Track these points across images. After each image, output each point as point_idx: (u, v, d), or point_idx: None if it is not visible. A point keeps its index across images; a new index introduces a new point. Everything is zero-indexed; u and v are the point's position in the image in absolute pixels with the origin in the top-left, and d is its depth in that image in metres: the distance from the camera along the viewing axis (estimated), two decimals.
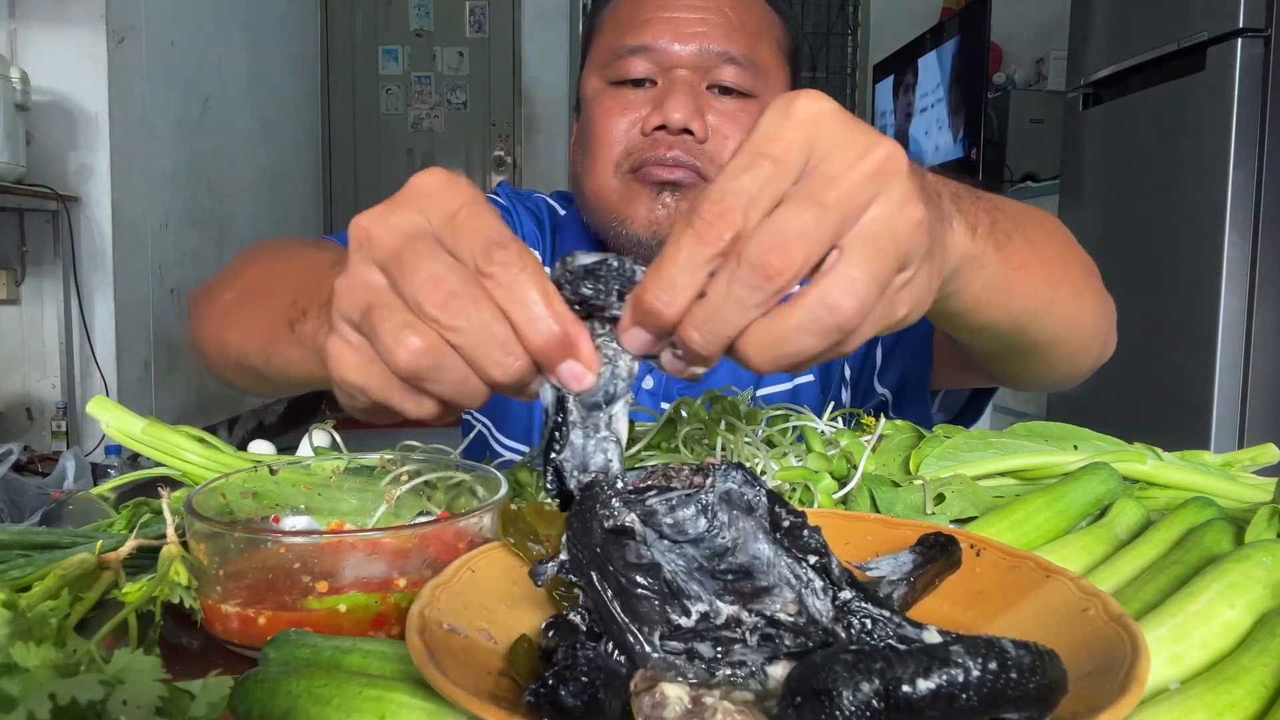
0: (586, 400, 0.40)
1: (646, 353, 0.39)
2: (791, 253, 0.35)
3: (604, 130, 0.91)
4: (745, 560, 0.37)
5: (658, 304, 0.36)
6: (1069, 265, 0.66)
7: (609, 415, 0.40)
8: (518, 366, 0.38)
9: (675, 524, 0.37)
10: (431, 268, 0.37)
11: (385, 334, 0.38)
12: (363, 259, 0.39)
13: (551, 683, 0.32)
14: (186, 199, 3.81)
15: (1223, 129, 2.29)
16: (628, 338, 0.39)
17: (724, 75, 0.90)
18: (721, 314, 0.36)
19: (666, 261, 0.36)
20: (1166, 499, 0.64)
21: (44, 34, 3.11)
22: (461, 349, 0.38)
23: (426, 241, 0.38)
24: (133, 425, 0.66)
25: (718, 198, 0.36)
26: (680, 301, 0.36)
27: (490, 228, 0.38)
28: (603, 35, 0.95)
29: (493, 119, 5.68)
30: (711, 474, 0.39)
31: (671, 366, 0.39)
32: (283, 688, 0.35)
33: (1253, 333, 2.32)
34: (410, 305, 0.38)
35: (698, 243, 0.36)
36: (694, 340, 0.37)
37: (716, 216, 0.36)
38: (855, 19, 5.56)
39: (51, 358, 3.18)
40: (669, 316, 0.36)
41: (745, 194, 0.36)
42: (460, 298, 0.37)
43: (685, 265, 0.36)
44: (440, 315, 0.37)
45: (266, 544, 0.47)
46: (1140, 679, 0.32)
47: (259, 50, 4.45)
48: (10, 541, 0.54)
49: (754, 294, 0.36)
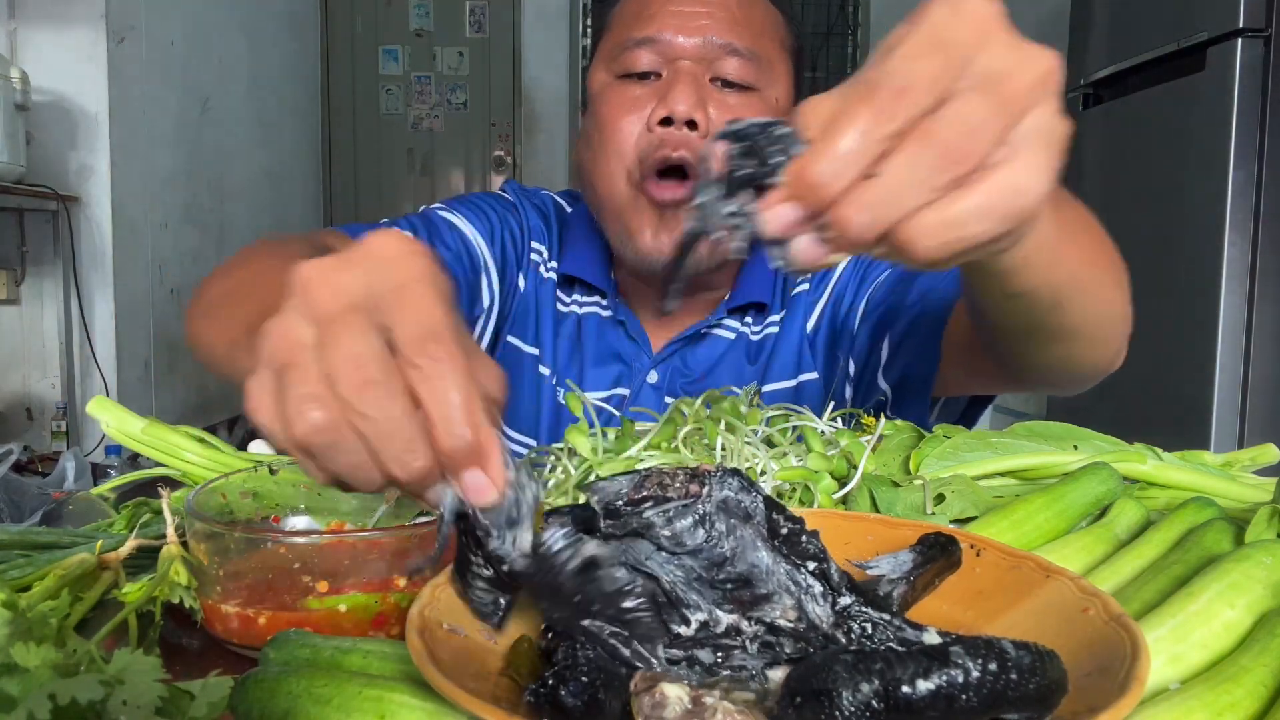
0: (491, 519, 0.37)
1: (784, 234, 0.36)
2: (979, 139, 0.34)
3: (612, 129, 0.92)
4: (744, 569, 0.37)
5: (824, 177, 0.34)
6: (1109, 251, 0.64)
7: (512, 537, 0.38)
8: (419, 466, 0.36)
9: (673, 536, 0.37)
10: (357, 347, 0.35)
11: (291, 398, 0.36)
12: (296, 310, 0.37)
13: (551, 683, 0.32)
14: (186, 199, 3.81)
15: (1223, 129, 2.29)
16: (773, 214, 0.36)
17: (727, 68, 0.91)
18: (896, 195, 0.34)
19: (838, 134, 0.34)
20: (1166, 499, 0.64)
21: (44, 34, 3.11)
22: (366, 437, 0.36)
23: (360, 315, 0.36)
24: (133, 425, 0.66)
25: (897, 77, 0.34)
26: (849, 177, 0.34)
27: (432, 314, 0.36)
28: (610, 31, 0.96)
29: (493, 119, 5.68)
30: (708, 482, 0.39)
31: (809, 253, 0.36)
32: (283, 688, 0.35)
33: (1253, 333, 2.32)
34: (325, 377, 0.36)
35: (877, 119, 0.34)
36: (854, 221, 0.34)
37: (899, 95, 0.34)
38: (855, 19, 5.56)
39: (51, 358, 3.18)
40: (834, 190, 0.34)
41: (925, 76, 0.34)
42: (376, 387, 0.35)
43: (861, 141, 0.34)
44: (352, 398, 0.35)
45: (266, 544, 0.47)
46: (1140, 679, 0.32)
47: (259, 50, 4.45)
48: (10, 541, 0.54)
49: (937, 177, 0.34)
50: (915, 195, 0.34)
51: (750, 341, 1.01)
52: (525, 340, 1.03)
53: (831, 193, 0.34)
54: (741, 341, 1.01)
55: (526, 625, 0.40)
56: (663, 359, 1.00)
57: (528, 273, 1.04)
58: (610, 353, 1.02)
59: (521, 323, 1.03)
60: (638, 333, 1.01)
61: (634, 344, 1.01)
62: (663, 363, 1.00)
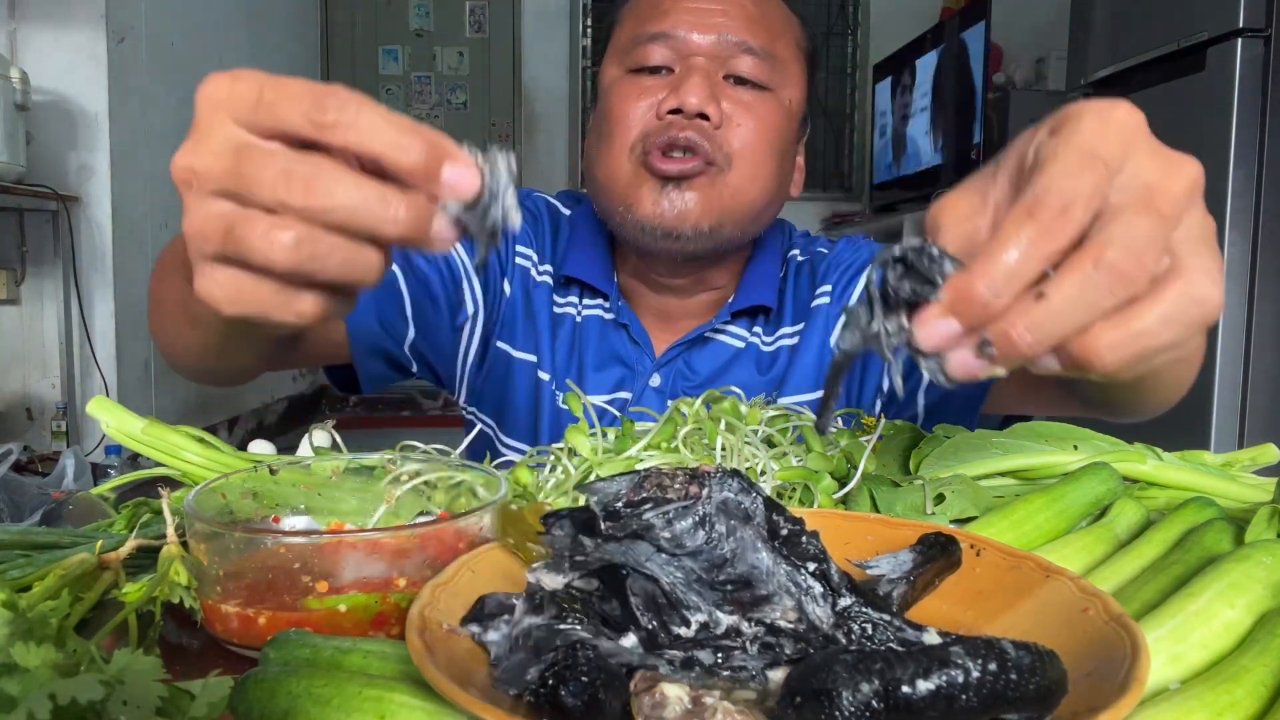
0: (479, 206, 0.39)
1: (942, 348, 0.36)
2: (1146, 258, 0.35)
3: (620, 114, 0.91)
4: (744, 570, 0.37)
5: (988, 293, 0.34)
6: None
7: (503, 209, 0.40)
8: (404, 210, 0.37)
9: (673, 538, 0.37)
10: (272, 165, 0.37)
11: (256, 242, 0.37)
12: (198, 196, 0.39)
13: (551, 683, 0.32)
14: None
15: (1223, 129, 2.29)
16: (931, 328, 0.36)
17: (741, 65, 0.90)
18: (1065, 314, 0.34)
19: (1002, 250, 0.34)
20: (1166, 499, 0.64)
21: (44, 34, 3.11)
22: (345, 224, 0.37)
23: (251, 148, 0.37)
24: (133, 425, 0.66)
25: (1059, 195, 0.35)
26: (1012, 293, 0.35)
27: (303, 86, 0.37)
28: (623, 26, 0.96)
29: (493, 119, 5.68)
30: (707, 483, 0.39)
31: (967, 367, 0.37)
32: (283, 688, 0.35)
33: (1253, 333, 2.32)
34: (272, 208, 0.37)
35: (1042, 237, 0.34)
36: (1021, 338, 0.35)
37: (1061, 212, 0.34)
38: (855, 19, 5.56)
39: (51, 358, 3.18)
40: (997, 307, 0.35)
41: (1085, 193, 0.35)
42: (316, 177, 0.36)
43: (1025, 258, 0.34)
44: (306, 202, 0.36)
45: (266, 544, 0.47)
46: (1140, 679, 0.32)
47: (259, 50, 4.45)
48: (10, 541, 0.54)
49: (1108, 297, 0.35)
50: (1085, 315, 0.35)
51: (762, 352, 1.00)
52: (515, 346, 1.01)
53: (994, 310, 0.35)
54: (751, 351, 1.00)
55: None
56: (666, 362, 0.99)
57: (513, 278, 1.02)
58: (612, 356, 1.00)
59: (510, 328, 1.01)
60: (640, 335, 1.00)
61: (636, 347, 1.00)
62: (665, 366, 0.99)
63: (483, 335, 1.01)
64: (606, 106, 0.94)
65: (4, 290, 3.08)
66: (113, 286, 3.25)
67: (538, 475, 0.67)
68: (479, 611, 0.39)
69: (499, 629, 0.38)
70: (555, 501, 0.63)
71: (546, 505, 0.52)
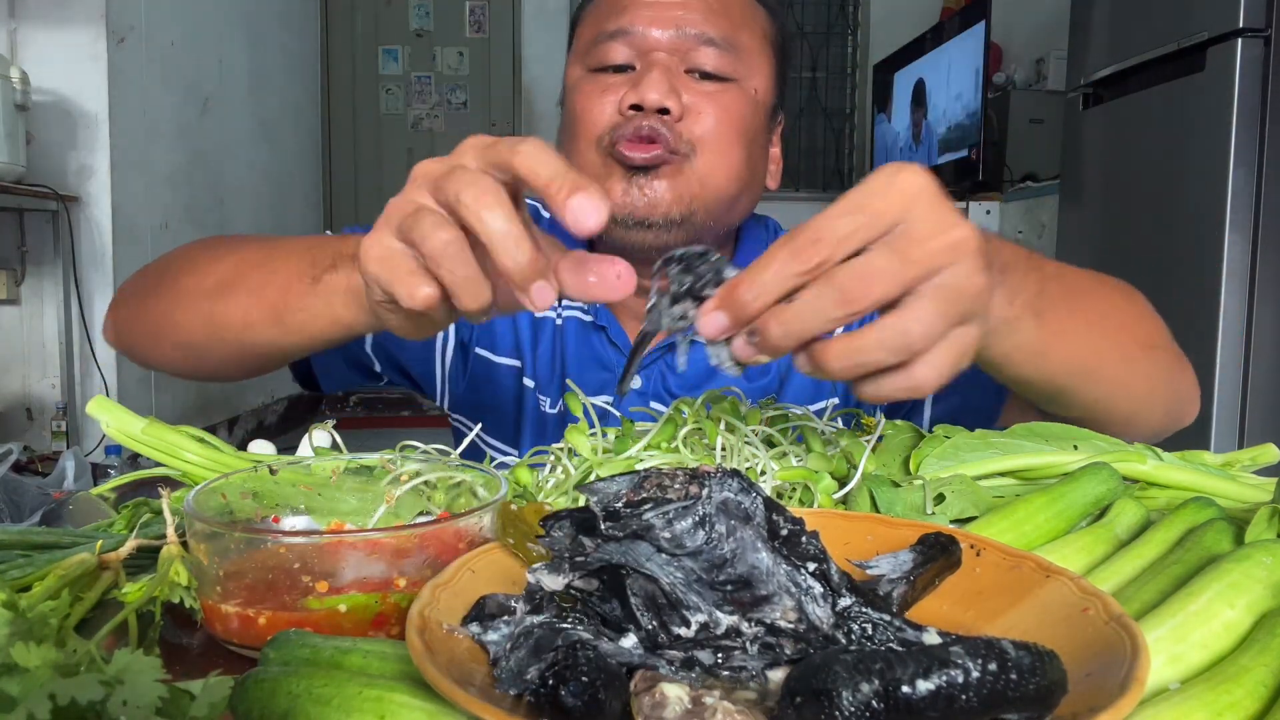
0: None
1: (719, 336, 0.47)
2: (870, 287, 0.44)
3: (584, 111, 0.91)
4: (744, 570, 0.37)
5: (746, 297, 0.45)
6: (1123, 336, 0.72)
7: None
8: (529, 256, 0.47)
9: (673, 538, 0.37)
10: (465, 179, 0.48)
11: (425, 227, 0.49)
12: (416, 186, 0.51)
13: (551, 683, 0.32)
14: (186, 199, 3.81)
15: (1223, 129, 2.29)
16: (710, 319, 0.47)
17: (702, 58, 0.89)
18: (804, 316, 0.45)
19: (760, 268, 0.45)
20: (1166, 499, 0.64)
21: (44, 34, 3.11)
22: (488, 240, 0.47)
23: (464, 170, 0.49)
24: (133, 425, 0.66)
25: (815, 230, 0.45)
26: (765, 299, 0.45)
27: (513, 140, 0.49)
28: (584, 25, 0.95)
29: (493, 119, 5.68)
30: (707, 483, 0.39)
31: (742, 351, 0.48)
32: (283, 688, 0.35)
33: (1253, 333, 2.32)
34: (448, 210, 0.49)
35: (791, 260, 0.44)
36: (773, 331, 0.45)
37: (810, 244, 0.44)
38: (855, 19, 5.56)
39: (51, 358, 3.18)
40: (753, 309, 0.45)
41: (837, 233, 0.44)
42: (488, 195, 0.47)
43: (775, 273, 0.45)
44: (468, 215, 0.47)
45: (266, 544, 0.47)
46: (1140, 679, 0.32)
47: (259, 50, 4.45)
48: (10, 541, 0.54)
49: (835, 309, 0.44)
50: (816, 321, 0.45)
51: None
52: (496, 351, 1.00)
53: (753, 310, 0.45)
54: None
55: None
56: (646, 365, 0.98)
57: None
58: (593, 359, 0.99)
59: (489, 334, 1.00)
60: (619, 337, 0.98)
61: (616, 349, 0.99)
62: (646, 368, 0.98)
63: (457, 341, 1.01)
64: (571, 106, 0.93)
65: (4, 290, 3.09)
66: (113, 286, 3.24)
67: (538, 475, 0.67)
68: (479, 611, 0.39)
69: (499, 629, 0.38)
70: (555, 501, 0.63)
71: (546, 505, 0.52)
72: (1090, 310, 0.69)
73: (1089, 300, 0.69)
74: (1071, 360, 0.66)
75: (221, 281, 0.76)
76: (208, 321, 0.76)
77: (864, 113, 5.46)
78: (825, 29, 5.54)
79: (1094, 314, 0.69)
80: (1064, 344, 0.64)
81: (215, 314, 0.75)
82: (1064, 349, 0.64)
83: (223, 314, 0.74)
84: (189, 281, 0.78)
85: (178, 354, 0.83)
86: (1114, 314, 0.72)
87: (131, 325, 0.86)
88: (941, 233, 0.45)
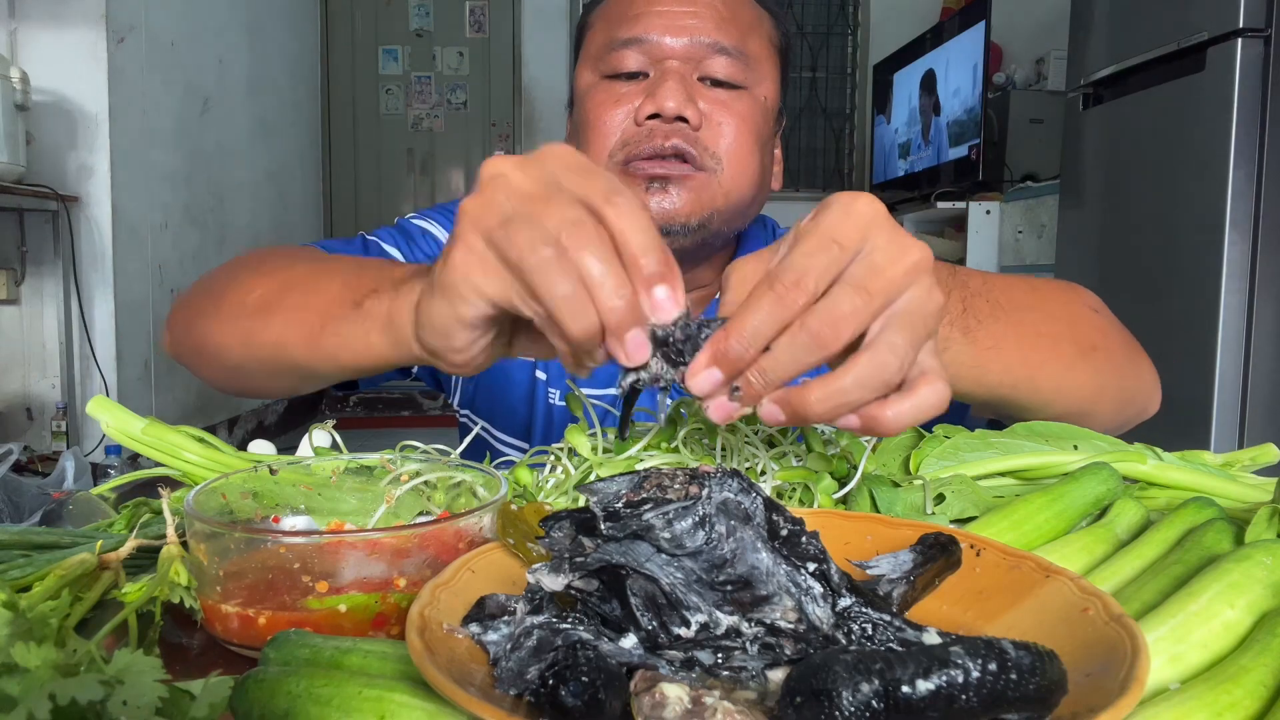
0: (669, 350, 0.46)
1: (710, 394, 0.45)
2: (841, 329, 0.43)
3: (598, 121, 0.91)
4: (744, 570, 0.37)
5: (740, 349, 0.44)
6: (1060, 343, 0.73)
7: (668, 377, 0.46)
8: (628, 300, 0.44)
9: (673, 538, 0.37)
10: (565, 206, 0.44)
11: (522, 240, 0.44)
12: (495, 190, 0.46)
13: (551, 683, 0.32)
14: (186, 199, 3.81)
15: (1223, 129, 2.29)
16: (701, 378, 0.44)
17: (715, 67, 0.90)
18: (782, 364, 0.44)
19: (749, 315, 0.44)
20: (1166, 499, 0.64)
21: (44, 34, 3.11)
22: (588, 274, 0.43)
23: (559, 191, 0.45)
24: (133, 425, 0.66)
25: (795, 272, 0.44)
26: (757, 348, 0.44)
27: (610, 179, 0.46)
28: (595, 31, 0.96)
29: (493, 119, 5.68)
30: (707, 483, 0.39)
31: (722, 410, 0.46)
32: (283, 688, 0.35)
33: (1253, 333, 2.32)
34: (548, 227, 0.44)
35: (777, 305, 0.43)
36: (754, 383, 0.44)
37: (793, 285, 0.43)
38: (855, 19, 5.56)
39: (51, 358, 3.18)
40: (748, 360, 0.44)
41: (817, 269, 0.44)
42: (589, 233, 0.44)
43: (765, 321, 0.43)
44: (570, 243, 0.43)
45: (266, 544, 0.47)
46: (1140, 679, 0.32)
47: (259, 50, 4.45)
48: (10, 541, 0.54)
49: (808, 356, 0.44)
50: (795, 367, 0.44)
51: None
52: None
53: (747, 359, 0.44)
54: None
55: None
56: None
57: None
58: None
59: None
60: None
61: None
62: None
63: None
64: (583, 114, 0.94)
65: (4, 290, 3.08)
66: (113, 286, 3.25)
67: (538, 475, 0.67)
68: (479, 612, 0.39)
69: (499, 629, 0.38)
70: (555, 501, 0.63)
71: (546, 505, 0.52)
72: (1022, 322, 0.71)
73: (1020, 313, 0.71)
74: (1008, 373, 0.68)
75: (262, 299, 0.73)
76: (245, 341, 0.74)
77: (863, 113, 5.46)
78: (825, 29, 5.54)
79: (1026, 325, 0.71)
80: (998, 358, 0.67)
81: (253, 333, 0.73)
82: (998, 363, 0.67)
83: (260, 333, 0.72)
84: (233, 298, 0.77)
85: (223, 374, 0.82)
86: (1048, 322, 0.74)
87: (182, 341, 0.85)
88: (900, 257, 0.45)
